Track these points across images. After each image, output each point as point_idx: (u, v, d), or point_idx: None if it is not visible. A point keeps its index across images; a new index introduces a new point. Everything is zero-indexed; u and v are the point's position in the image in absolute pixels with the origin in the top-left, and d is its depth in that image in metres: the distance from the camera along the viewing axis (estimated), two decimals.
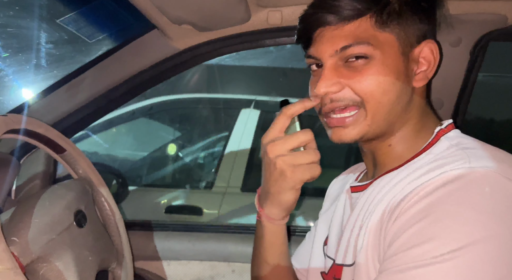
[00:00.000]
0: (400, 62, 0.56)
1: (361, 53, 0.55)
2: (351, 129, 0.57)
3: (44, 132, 0.72)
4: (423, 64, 0.58)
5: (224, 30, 0.91)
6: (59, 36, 1.94)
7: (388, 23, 0.55)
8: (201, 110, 2.49)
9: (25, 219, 0.60)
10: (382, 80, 0.55)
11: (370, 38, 0.55)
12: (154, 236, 1.10)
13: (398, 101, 0.56)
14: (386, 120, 0.57)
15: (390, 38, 0.56)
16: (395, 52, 0.56)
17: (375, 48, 0.55)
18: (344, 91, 0.56)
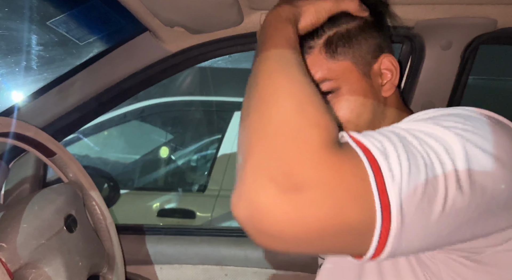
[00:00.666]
0: (364, 83, 0.58)
1: (325, 90, 0.57)
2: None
3: (34, 135, 0.71)
4: (387, 75, 0.60)
5: (217, 33, 0.91)
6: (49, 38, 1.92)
7: (338, 51, 0.57)
8: (194, 113, 2.48)
9: (13, 224, 0.59)
10: (353, 107, 0.57)
11: (326, 73, 0.56)
12: (146, 240, 1.08)
13: (373, 117, 0.59)
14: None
15: (346, 65, 0.57)
16: (356, 76, 0.58)
17: (335, 81, 0.56)
18: None
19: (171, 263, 1.09)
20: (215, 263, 1.08)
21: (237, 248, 1.07)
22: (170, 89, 2.65)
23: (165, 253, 1.08)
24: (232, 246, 1.08)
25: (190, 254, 1.08)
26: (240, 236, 1.11)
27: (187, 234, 1.11)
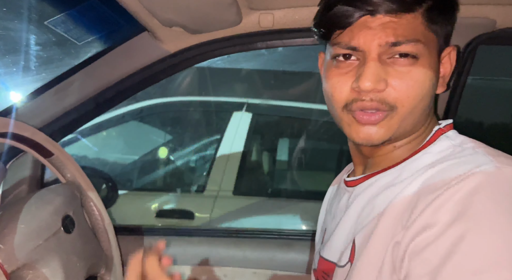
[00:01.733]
0: (437, 65, 0.54)
1: (411, 52, 0.50)
2: (381, 128, 0.52)
3: (31, 136, 0.70)
4: (443, 70, 0.55)
5: (215, 33, 0.91)
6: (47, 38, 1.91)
7: (437, 21, 0.52)
8: (193, 113, 2.48)
9: (10, 224, 0.58)
10: (427, 84, 0.51)
11: (420, 35, 0.51)
12: (144, 241, 1.08)
13: (429, 106, 0.54)
14: (413, 124, 0.54)
15: (434, 38, 0.53)
16: (436, 54, 0.53)
17: (425, 47, 0.51)
18: (387, 91, 0.51)
19: None
20: (214, 264, 1.08)
21: (236, 249, 1.07)
22: (168, 90, 2.65)
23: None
24: (231, 246, 1.08)
25: (189, 254, 1.07)
26: (239, 237, 1.10)
27: (186, 234, 1.11)
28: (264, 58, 2.80)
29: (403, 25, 0.51)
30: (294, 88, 2.58)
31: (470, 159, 0.48)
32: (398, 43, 0.50)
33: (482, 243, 0.42)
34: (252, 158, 2.24)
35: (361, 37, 0.52)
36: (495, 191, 0.44)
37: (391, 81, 0.51)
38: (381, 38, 0.51)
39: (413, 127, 0.55)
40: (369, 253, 0.52)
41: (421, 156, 0.54)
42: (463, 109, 0.96)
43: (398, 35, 0.50)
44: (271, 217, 1.93)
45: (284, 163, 2.36)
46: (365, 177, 0.59)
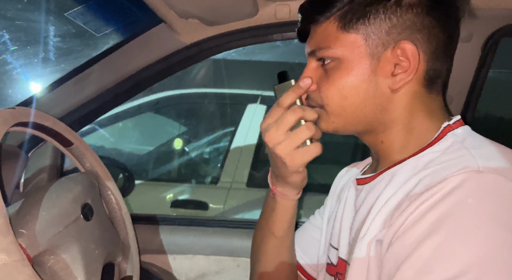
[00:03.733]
0: (366, 64, 0.54)
1: (328, 56, 0.56)
2: (320, 121, 0.59)
3: (52, 125, 0.72)
4: (401, 64, 0.54)
5: (231, 25, 0.91)
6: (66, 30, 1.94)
7: (353, 24, 0.54)
8: (208, 105, 2.49)
9: (32, 211, 0.60)
10: (343, 86, 0.55)
11: (332, 41, 0.56)
12: (160, 230, 1.10)
13: (364, 104, 0.56)
14: (355, 120, 0.57)
15: (356, 39, 0.55)
16: (360, 53, 0.54)
17: (338, 51, 0.55)
18: (316, 91, 0.59)
19: (184, 253, 1.10)
20: (227, 254, 1.09)
21: (249, 240, 1.07)
22: (184, 82, 2.66)
23: (179, 243, 1.09)
24: (244, 237, 1.09)
25: (203, 244, 1.09)
26: (252, 228, 1.11)
27: (200, 225, 1.12)
28: (280, 50, 2.77)
29: (320, 33, 0.57)
30: None
31: (458, 161, 0.49)
32: (314, 52, 0.58)
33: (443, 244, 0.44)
34: (266, 151, 2.24)
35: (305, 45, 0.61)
36: (468, 195, 0.45)
37: (318, 83, 0.58)
38: (307, 48, 0.60)
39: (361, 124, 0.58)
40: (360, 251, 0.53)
41: (425, 155, 0.54)
42: (485, 103, 0.94)
43: (314, 44, 0.58)
44: None
45: None
46: (373, 176, 0.61)
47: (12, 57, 2.31)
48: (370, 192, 0.59)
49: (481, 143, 0.53)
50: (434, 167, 0.50)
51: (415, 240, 0.46)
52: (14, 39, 2.23)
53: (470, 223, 0.44)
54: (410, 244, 0.46)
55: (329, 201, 0.76)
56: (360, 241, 0.54)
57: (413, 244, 0.46)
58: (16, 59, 2.32)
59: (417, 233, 0.46)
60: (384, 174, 0.58)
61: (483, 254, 0.42)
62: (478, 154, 0.49)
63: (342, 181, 0.74)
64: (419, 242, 0.45)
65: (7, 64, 2.33)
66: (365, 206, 0.58)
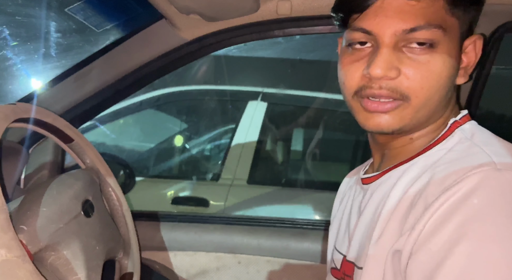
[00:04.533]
0: (458, 53, 0.50)
1: (429, 39, 0.47)
2: (392, 118, 0.50)
3: (52, 122, 0.72)
4: (465, 60, 0.52)
5: (232, 21, 0.90)
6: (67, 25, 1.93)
7: (459, 8, 0.49)
8: (208, 102, 2.49)
9: (33, 207, 0.60)
10: (444, 75, 0.48)
11: (441, 20, 0.48)
12: (160, 227, 1.10)
13: (445, 97, 0.51)
14: (429, 115, 0.52)
15: (455, 25, 0.49)
16: (457, 42, 0.50)
17: (444, 34, 0.48)
18: (400, 79, 0.49)
19: (185, 250, 1.10)
20: (228, 251, 1.09)
21: (250, 237, 1.08)
22: (185, 78, 2.66)
23: (179, 240, 1.10)
24: (245, 234, 1.09)
25: (204, 241, 1.09)
26: (253, 225, 1.11)
27: (201, 221, 1.12)
28: (281, 47, 2.76)
29: (422, 9, 0.47)
30: (311, 78, 2.55)
31: (472, 159, 0.46)
32: (414, 29, 0.47)
33: (476, 249, 0.41)
34: (266, 148, 2.24)
35: (376, 22, 0.49)
36: (491, 195, 0.43)
37: (404, 69, 0.48)
38: (397, 25, 0.48)
39: (428, 119, 0.53)
40: (375, 256, 0.51)
41: (434, 152, 0.52)
42: (487, 100, 0.93)
43: (415, 21, 0.47)
44: (285, 206, 1.93)
45: (299, 153, 2.35)
46: (379, 174, 0.58)
47: (13, 53, 2.31)
48: (376, 191, 0.57)
49: (490, 139, 0.51)
50: (446, 164, 0.48)
51: (443, 247, 0.43)
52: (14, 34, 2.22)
53: (500, 224, 0.42)
54: (437, 251, 0.43)
55: (335, 207, 0.74)
56: (374, 246, 0.51)
57: (441, 251, 0.43)
58: (17, 55, 2.31)
59: (443, 239, 0.43)
60: (391, 173, 0.56)
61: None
62: (491, 150, 0.47)
63: (348, 185, 0.72)
64: (449, 250, 0.42)
65: (8, 60, 2.33)
66: (372, 205, 0.57)
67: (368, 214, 0.57)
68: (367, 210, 0.58)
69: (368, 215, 0.57)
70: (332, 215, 0.74)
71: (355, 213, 0.62)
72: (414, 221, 0.46)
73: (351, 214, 0.63)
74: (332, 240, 0.70)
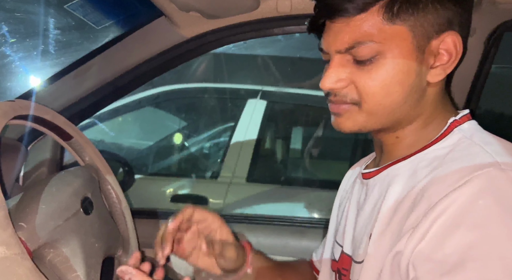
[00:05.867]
0: (412, 58, 0.51)
1: (368, 53, 0.50)
2: (346, 119, 0.55)
3: (51, 119, 0.72)
4: (442, 56, 0.52)
5: (232, 18, 0.90)
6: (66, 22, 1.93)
7: (399, 14, 0.50)
8: (208, 100, 2.48)
9: (32, 205, 0.60)
10: (388, 81, 0.51)
11: (375, 34, 0.50)
12: (160, 224, 1.10)
13: (404, 100, 0.52)
14: (389, 118, 0.54)
15: (402, 31, 0.50)
16: (407, 46, 0.51)
17: (382, 45, 0.50)
18: (349, 88, 0.53)
19: None
20: None
21: (249, 234, 1.08)
22: (184, 76, 2.65)
23: None
24: (244, 232, 1.09)
25: None
26: (252, 223, 1.11)
27: None
28: (281, 45, 2.76)
29: (356, 27, 0.51)
30: (311, 76, 2.55)
31: (474, 158, 0.47)
32: (350, 48, 0.51)
33: (492, 251, 0.42)
34: (266, 146, 2.24)
35: (324, 42, 0.54)
36: (498, 195, 0.43)
37: (353, 79, 0.53)
38: (336, 45, 0.53)
39: (393, 120, 0.54)
40: (375, 255, 0.51)
41: (433, 150, 0.53)
42: (487, 99, 0.93)
43: (349, 41, 0.51)
44: (284, 204, 1.93)
45: (298, 151, 2.35)
46: (378, 169, 0.59)
47: (11, 50, 2.30)
48: (375, 187, 0.58)
49: (489, 139, 0.51)
50: (448, 163, 0.48)
51: (455, 251, 0.43)
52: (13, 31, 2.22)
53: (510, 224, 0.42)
54: (450, 255, 0.43)
55: (337, 200, 0.75)
56: (375, 244, 0.52)
57: (455, 255, 0.43)
58: (15, 51, 2.31)
59: (456, 242, 0.43)
60: (389, 169, 0.57)
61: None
62: (492, 150, 0.48)
63: (350, 179, 0.73)
64: (463, 252, 0.42)
65: (6, 56, 2.32)
66: (371, 201, 0.57)
67: (368, 209, 0.57)
68: (366, 205, 0.58)
69: (367, 210, 0.57)
70: (334, 207, 0.75)
71: (354, 207, 0.63)
72: (416, 220, 0.47)
73: (350, 208, 0.64)
74: (331, 232, 0.71)
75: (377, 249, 0.52)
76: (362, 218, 0.58)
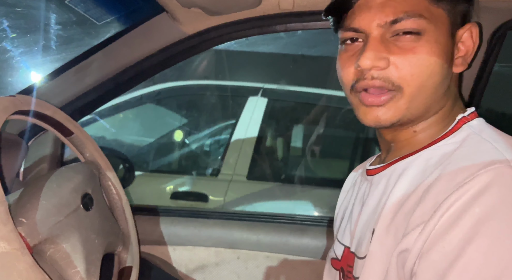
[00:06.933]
0: (449, 43, 0.52)
1: (413, 28, 0.50)
2: (388, 109, 0.52)
3: (52, 114, 0.72)
4: (463, 48, 0.54)
5: (234, 15, 0.89)
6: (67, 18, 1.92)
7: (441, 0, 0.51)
8: (209, 97, 2.48)
9: (33, 200, 0.60)
10: (433, 60, 0.50)
11: (423, 10, 0.50)
12: (160, 221, 1.10)
13: (441, 85, 0.52)
14: (426, 104, 0.53)
15: (443, 15, 0.52)
16: (446, 30, 0.52)
17: (429, 22, 0.50)
18: (390, 69, 0.51)
19: (184, 245, 1.10)
20: (227, 246, 1.09)
21: (249, 232, 1.08)
22: (185, 73, 2.65)
23: (179, 234, 1.10)
24: (244, 230, 1.09)
25: (203, 236, 1.09)
26: (253, 220, 1.11)
27: (200, 216, 1.12)
28: (283, 42, 2.75)
29: (403, 1, 0.50)
30: (313, 74, 2.55)
31: (483, 155, 0.46)
32: (397, 20, 0.50)
33: (491, 247, 0.41)
34: (266, 143, 2.24)
35: (361, 19, 0.52)
36: (505, 192, 0.43)
37: (393, 59, 0.51)
38: (380, 18, 0.51)
39: (426, 108, 0.53)
40: (379, 251, 0.51)
41: (441, 146, 0.52)
42: (489, 97, 0.93)
43: (397, 13, 0.50)
44: (284, 202, 1.93)
45: (299, 149, 2.35)
46: (384, 165, 0.58)
47: (12, 45, 2.30)
48: (380, 182, 0.57)
49: (499, 136, 0.51)
50: (457, 160, 0.48)
51: (457, 245, 0.42)
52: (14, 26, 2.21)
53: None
54: (451, 250, 0.43)
55: (339, 202, 0.74)
56: (378, 240, 0.51)
57: (455, 250, 0.42)
58: (16, 47, 2.30)
59: (457, 237, 0.43)
60: (396, 165, 0.56)
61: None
62: (502, 147, 0.47)
63: (353, 179, 0.72)
64: (463, 248, 0.42)
65: (7, 52, 2.31)
66: (375, 196, 0.57)
67: (371, 205, 0.57)
68: (370, 201, 0.58)
69: (371, 206, 0.57)
70: (337, 209, 0.74)
71: (358, 204, 0.62)
72: (423, 217, 0.46)
73: (354, 205, 0.63)
74: (335, 231, 0.70)
75: (381, 245, 0.51)
76: (365, 213, 0.58)
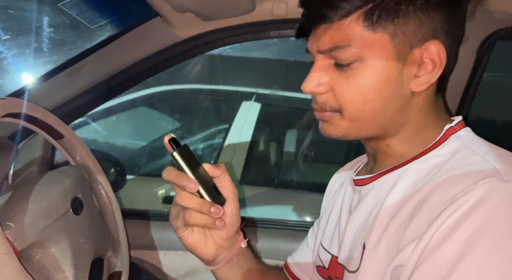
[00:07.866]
0: (392, 66, 0.51)
1: (345, 58, 0.51)
2: (330, 126, 0.56)
3: (43, 117, 0.71)
4: (426, 66, 0.52)
5: (228, 20, 0.90)
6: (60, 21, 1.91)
7: (380, 22, 0.50)
8: (202, 101, 2.48)
9: (21, 204, 0.59)
10: (366, 88, 0.52)
11: (355, 39, 0.51)
12: (151, 226, 1.09)
13: (385, 108, 0.53)
14: (372, 125, 0.54)
15: (383, 38, 0.50)
16: (387, 53, 0.51)
17: (362, 51, 0.51)
18: (328, 95, 0.54)
19: (175, 249, 1.09)
20: None
21: None
22: (179, 77, 2.65)
23: (170, 239, 1.09)
24: None
25: None
26: (245, 226, 1.11)
27: None
28: (276, 48, 2.76)
29: (338, 31, 0.52)
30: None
31: (475, 168, 0.47)
32: (332, 50, 0.52)
33: (485, 262, 0.41)
34: (259, 148, 2.24)
35: (309, 44, 0.56)
36: (499, 206, 0.43)
37: (332, 85, 0.54)
38: (318, 46, 0.54)
39: (377, 128, 0.55)
40: (372, 266, 0.51)
41: (429, 158, 0.53)
42: (478, 106, 0.94)
43: (329, 42, 0.52)
44: (276, 207, 1.93)
45: (292, 154, 2.35)
46: (373, 177, 0.59)
47: (4, 47, 2.28)
48: (369, 194, 0.57)
49: (488, 148, 0.51)
50: (448, 173, 0.48)
51: (450, 259, 0.42)
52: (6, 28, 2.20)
53: (508, 235, 0.42)
54: (444, 264, 0.43)
55: (324, 202, 0.74)
56: (371, 254, 0.51)
57: (448, 264, 0.42)
58: (8, 48, 2.28)
59: (451, 251, 0.43)
60: (385, 177, 0.56)
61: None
62: (494, 160, 0.47)
63: (337, 182, 0.73)
64: (456, 262, 0.42)
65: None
66: (365, 209, 0.57)
67: (361, 217, 0.57)
68: (360, 212, 0.57)
69: (361, 218, 0.57)
70: (321, 212, 0.74)
71: (345, 214, 0.62)
72: (417, 232, 0.46)
73: (341, 214, 0.63)
74: (318, 236, 0.70)
75: (373, 259, 0.51)
76: (354, 224, 0.58)
